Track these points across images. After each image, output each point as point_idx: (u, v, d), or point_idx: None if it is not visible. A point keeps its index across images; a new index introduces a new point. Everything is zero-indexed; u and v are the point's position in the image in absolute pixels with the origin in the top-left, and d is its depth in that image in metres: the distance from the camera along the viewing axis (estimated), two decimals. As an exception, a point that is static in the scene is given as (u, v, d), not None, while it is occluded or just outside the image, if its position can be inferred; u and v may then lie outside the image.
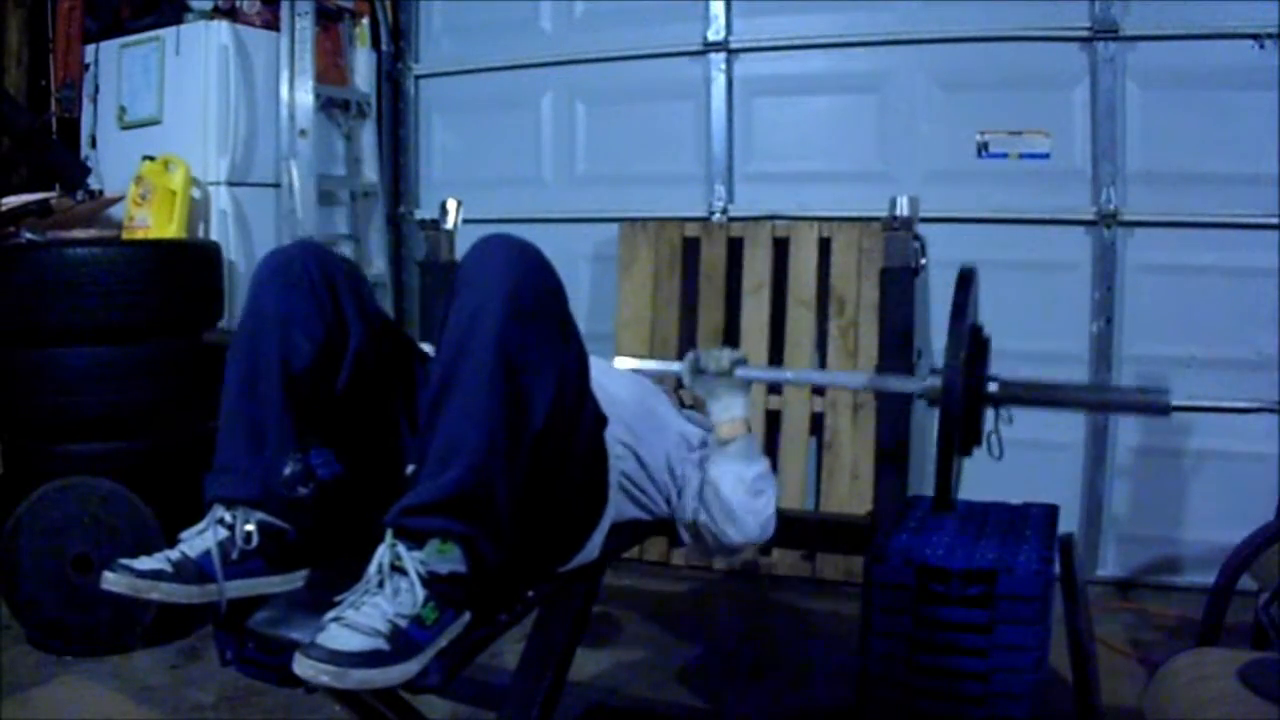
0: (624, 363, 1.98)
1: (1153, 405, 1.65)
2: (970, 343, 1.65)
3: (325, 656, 1.10)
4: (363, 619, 1.15)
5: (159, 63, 3.16)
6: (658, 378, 2.00)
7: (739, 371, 1.80)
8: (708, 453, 1.77)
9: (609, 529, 1.56)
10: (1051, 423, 2.97)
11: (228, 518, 1.35)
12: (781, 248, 3.06)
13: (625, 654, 2.50)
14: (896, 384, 1.92)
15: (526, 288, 1.29)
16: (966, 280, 1.68)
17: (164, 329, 2.68)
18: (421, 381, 1.50)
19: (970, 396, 1.63)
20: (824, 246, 3.03)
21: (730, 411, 1.79)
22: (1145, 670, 2.32)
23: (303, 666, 1.10)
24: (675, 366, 1.90)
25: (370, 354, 1.48)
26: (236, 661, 1.38)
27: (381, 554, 1.20)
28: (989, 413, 1.70)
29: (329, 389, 1.46)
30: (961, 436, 1.64)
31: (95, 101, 3.30)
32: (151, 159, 2.99)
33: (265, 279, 1.45)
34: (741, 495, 1.74)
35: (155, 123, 3.17)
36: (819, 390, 2.99)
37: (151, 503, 2.41)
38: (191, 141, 3.09)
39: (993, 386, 1.69)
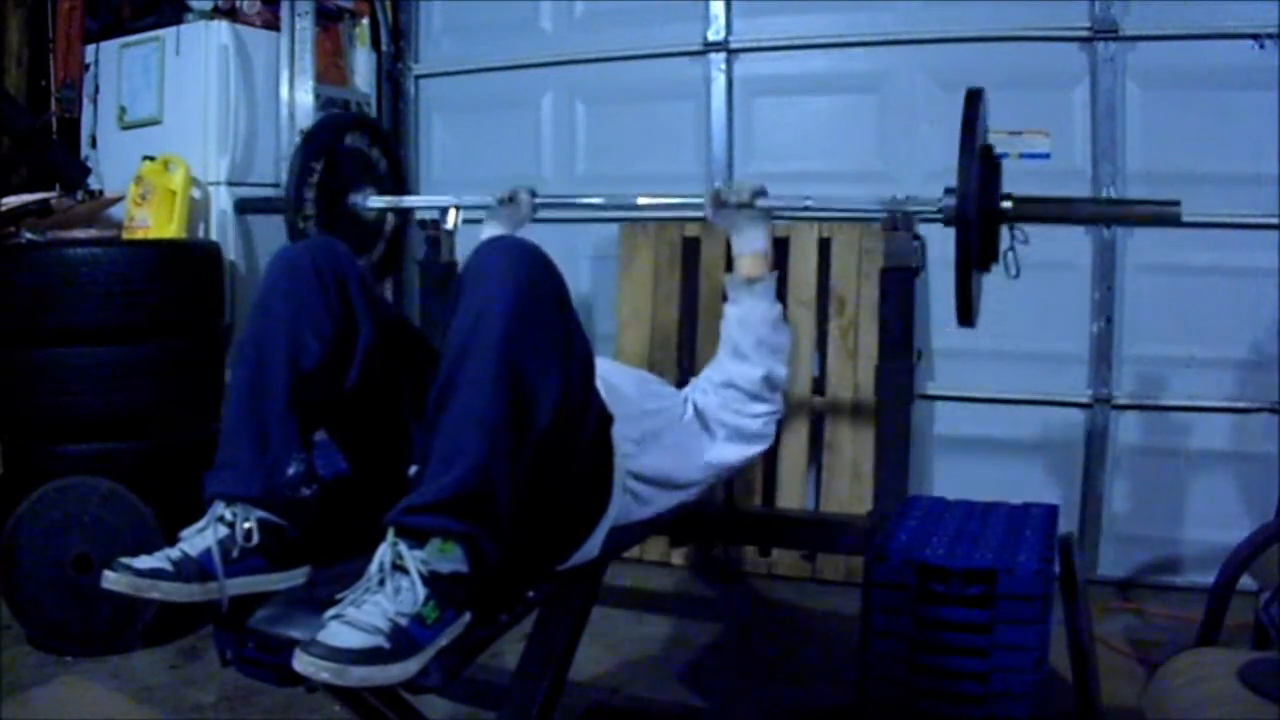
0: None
1: (1165, 215, 1.71)
2: (981, 160, 1.69)
3: (325, 654, 1.10)
4: (363, 617, 1.15)
5: (159, 63, 3.17)
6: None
7: (760, 201, 1.86)
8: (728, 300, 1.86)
9: (610, 528, 1.56)
10: (1052, 422, 2.98)
11: (228, 515, 1.35)
12: (781, 248, 3.06)
13: (625, 654, 2.50)
14: (914, 207, 1.96)
15: (530, 289, 1.29)
16: (975, 98, 1.71)
17: (164, 329, 2.69)
18: (432, 380, 1.51)
19: (985, 213, 1.67)
20: (824, 246, 3.03)
21: (754, 244, 1.87)
22: (1145, 670, 2.32)
23: (303, 663, 1.10)
24: (697, 200, 1.96)
25: (380, 352, 1.48)
26: (236, 661, 1.38)
27: (383, 552, 1.20)
28: (1004, 232, 1.77)
29: (338, 387, 1.45)
30: (979, 253, 1.70)
31: (95, 101, 3.30)
32: (151, 159, 2.99)
33: (275, 276, 1.45)
34: (770, 330, 1.83)
35: (155, 123, 3.18)
36: (819, 390, 3.00)
37: (151, 503, 2.41)
38: (191, 141, 3.09)
39: (1006, 204, 1.75)
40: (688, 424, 1.86)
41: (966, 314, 1.73)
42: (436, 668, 1.21)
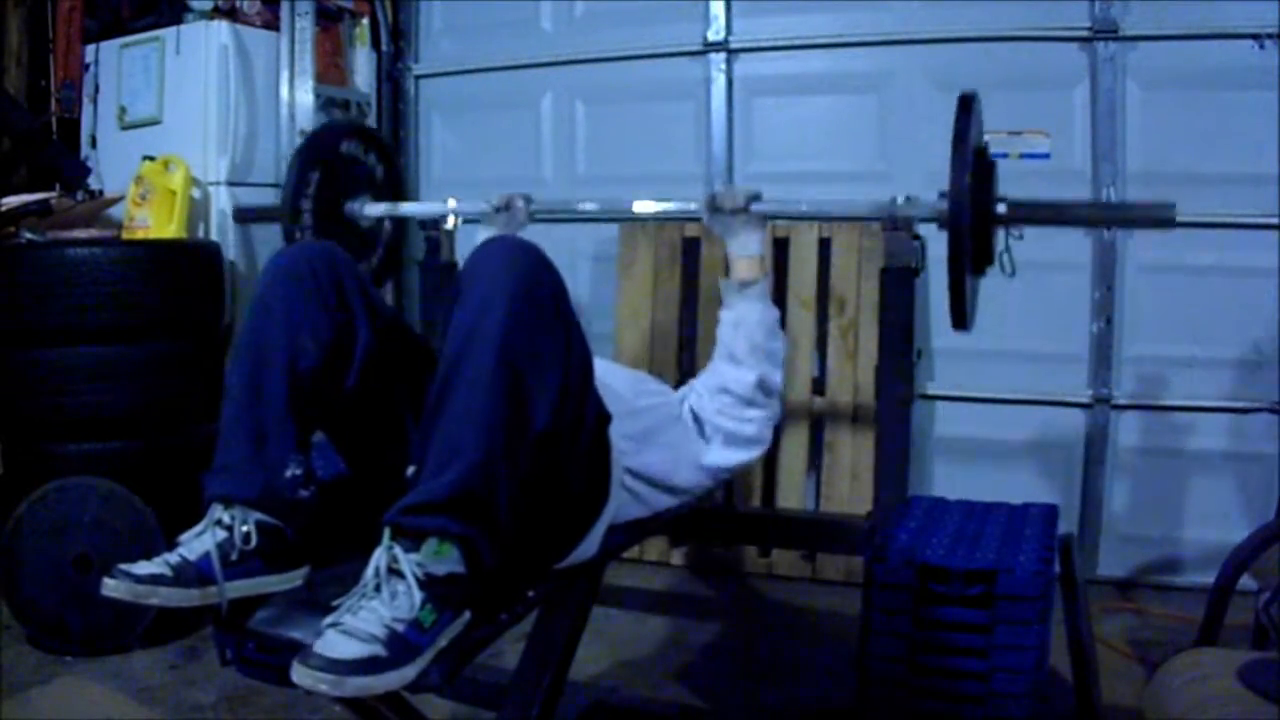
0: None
1: (1158, 217, 1.70)
2: (975, 164, 1.68)
3: (322, 665, 1.10)
4: (360, 625, 1.14)
5: (159, 63, 3.17)
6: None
7: (755, 207, 1.88)
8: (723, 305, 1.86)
9: (609, 527, 1.56)
10: (1052, 422, 2.98)
11: (226, 518, 1.34)
12: (781, 248, 3.06)
13: (625, 654, 2.50)
14: (905, 209, 1.95)
15: (528, 288, 1.29)
16: (968, 103, 1.71)
17: (164, 329, 2.69)
18: (430, 381, 1.51)
19: (979, 216, 1.66)
20: (824, 246, 3.03)
21: (748, 249, 1.88)
22: (1145, 670, 2.32)
23: (300, 675, 1.10)
24: (692, 207, 1.97)
25: (378, 354, 1.48)
26: (236, 661, 1.37)
27: (378, 557, 1.20)
28: (999, 234, 1.75)
29: (336, 389, 1.45)
30: (973, 256, 1.68)
31: (95, 101, 3.30)
32: (151, 159, 2.99)
33: (272, 278, 1.45)
34: (765, 335, 1.83)
35: (155, 123, 3.18)
36: (819, 390, 3.00)
37: (151, 503, 2.41)
38: (191, 141, 3.09)
39: (1001, 207, 1.74)
40: (683, 424, 1.86)
41: (961, 318, 1.73)
42: (436, 668, 1.21)
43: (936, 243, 2.16)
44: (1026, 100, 2.95)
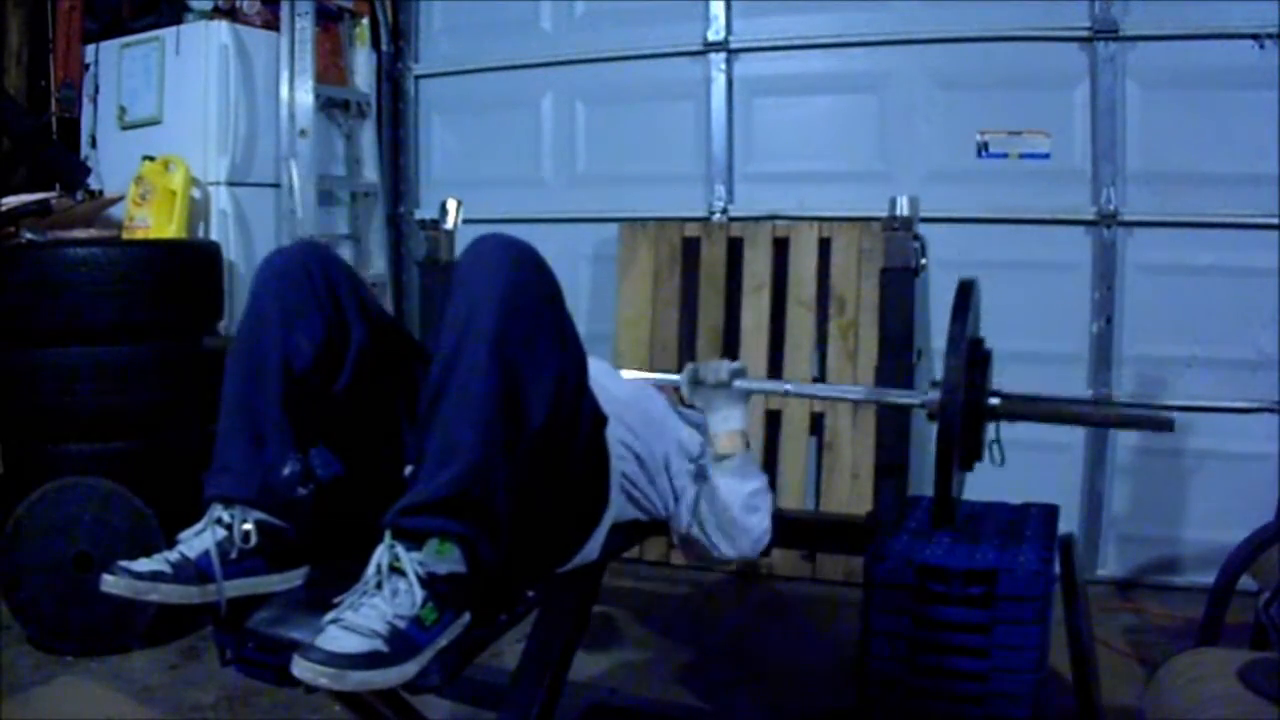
0: (624, 374, 1.98)
1: (1156, 420, 1.64)
2: (969, 358, 1.63)
3: (323, 659, 1.10)
4: (361, 620, 1.14)
5: (159, 63, 3.17)
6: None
7: (738, 383, 1.79)
8: (704, 463, 1.75)
9: (609, 529, 1.56)
10: (1051, 423, 2.98)
11: (226, 517, 1.35)
12: (781, 248, 3.06)
13: (625, 654, 2.50)
14: (896, 397, 1.91)
15: (521, 287, 1.29)
16: (966, 292, 1.66)
17: (164, 329, 2.69)
18: (423, 381, 1.51)
19: (970, 412, 1.62)
20: (824, 246, 3.03)
21: (729, 423, 1.78)
22: (1145, 670, 2.32)
23: (301, 669, 1.10)
24: (674, 378, 1.89)
25: (372, 354, 1.48)
26: (236, 661, 1.37)
27: (380, 555, 1.20)
28: (990, 425, 1.69)
29: (330, 389, 1.45)
30: (962, 453, 1.63)
31: (95, 101, 3.30)
32: (151, 159, 2.99)
33: (266, 279, 1.45)
34: (736, 512, 1.73)
35: (155, 123, 3.17)
36: (819, 390, 3.00)
37: (151, 503, 2.41)
38: (191, 141, 3.09)
39: (994, 401, 1.67)
40: (676, 452, 1.80)
41: (948, 515, 1.63)
42: (436, 668, 1.21)
43: (936, 243, 2.17)
44: (1026, 100, 2.95)
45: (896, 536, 1.95)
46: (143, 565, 1.28)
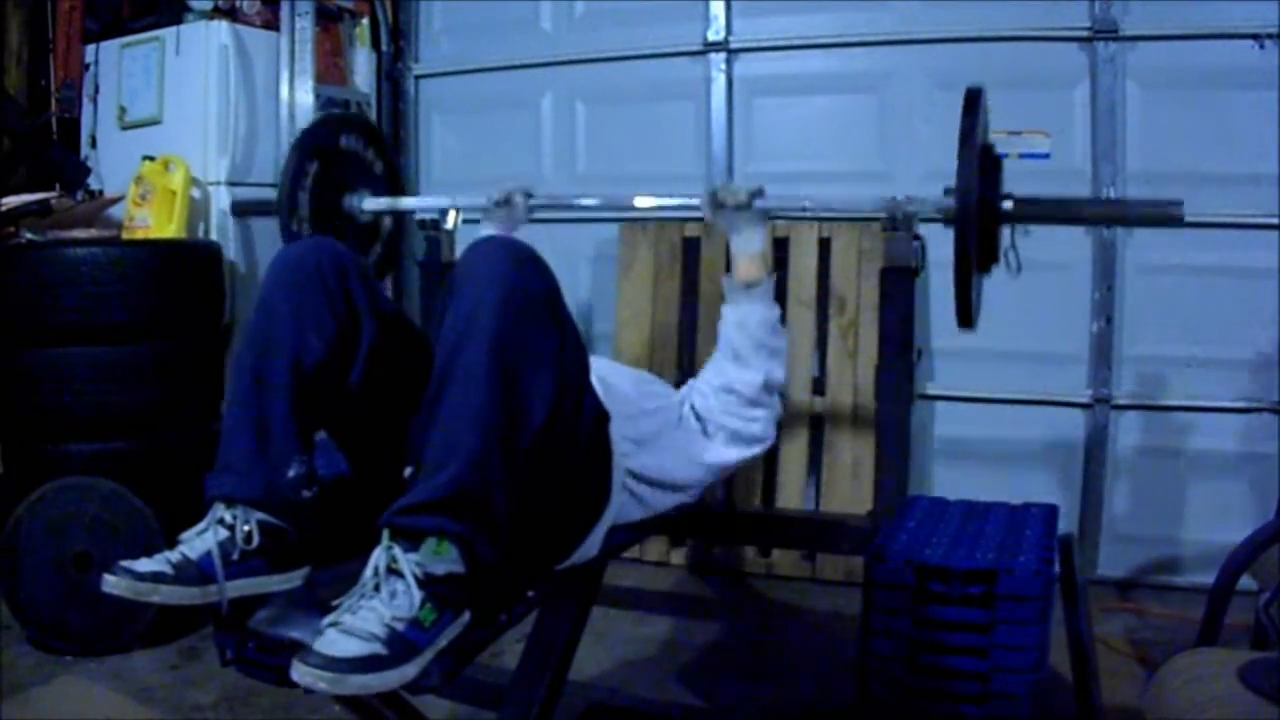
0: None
1: (1166, 215, 1.69)
2: (982, 160, 1.67)
3: (322, 663, 1.10)
4: (360, 623, 1.14)
5: (159, 63, 3.16)
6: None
7: (758, 203, 1.87)
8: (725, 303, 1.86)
9: (610, 528, 1.56)
10: (1052, 422, 2.98)
11: (228, 517, 1.35)
12: (781, 248, 3.06)
13: (625, 654, 2.50)
14: (913, 205, 1.94)
15: (521, 287, 1.29)
16: (974, 100, 1.70)
17: (164, 329, 2.69)
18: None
19: (985, 213, 1.66)
20: (824, 246, 3.03)
21: (751, 245, 1.87)
22: (1145, 670, 2.32)
23: (300, 673, 1.10)
24: (694, 202, 1.97)
25: (383, 350, 1.48)
26: (236, 661, 1.37)
27: (377, 556, 1.20)
28: (1005, 232, 1.75)
29: (341, 385, 1.45)
30: (979, 253, 1.67)
31: (95, 101, 3.30)
32: (151, 159, 2.99)
33: (276, 275, 1.45)
34: (768, 334, 1.83)
35: (155, 123, 3.17)
36: (819, 390, 3.00)
37: (151, 503, 2.41)
38: (191, 141, 3.09)
39: (1007, 204, 1.73)
40: (686, 425, 1.86)
41: (967, 316, 1.72)
42: (436, 668, 1.21)
43: (936, 243, 2.17)
44: (1026, 100, 2.95)
45: (896, 536, 1.95)
46: (144, 565, 1.28)
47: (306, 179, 2.29)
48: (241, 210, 3.11)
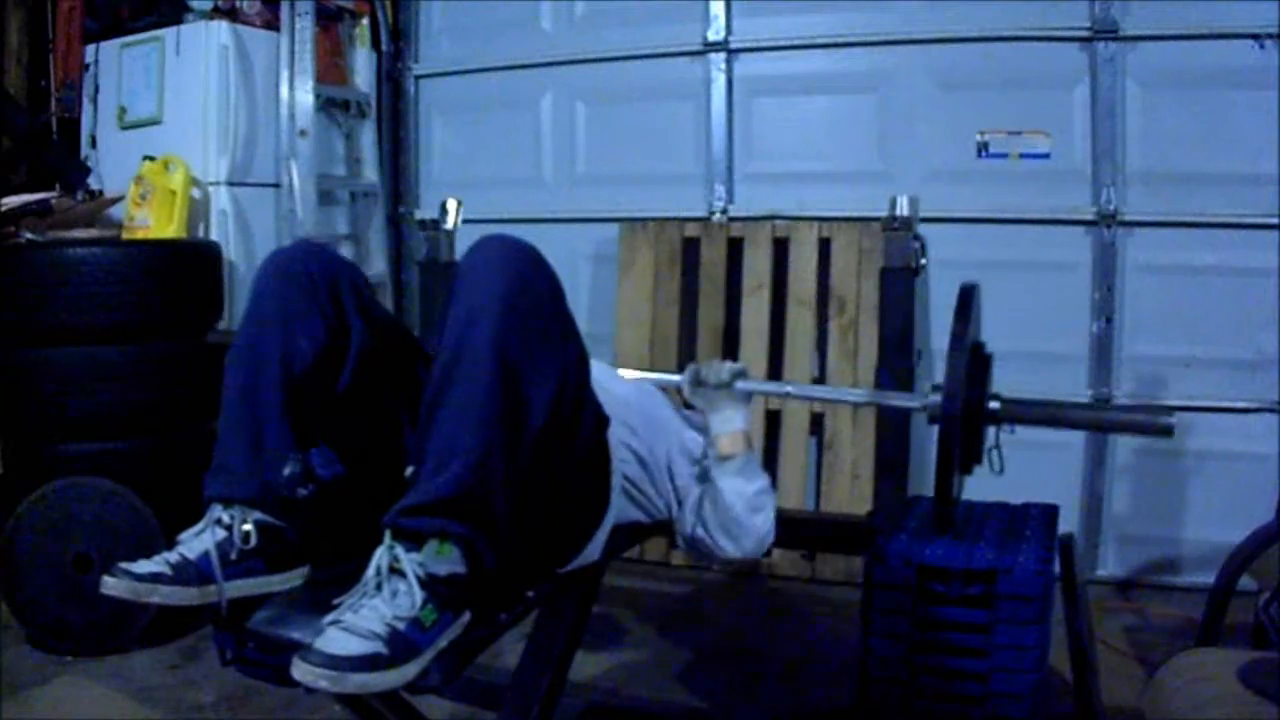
0: (626, 374, 1.97)
1: (1155, 426, 1.63)
2: (970, 362, 1.62)
3: (323, 661, 1.10)
4: (361, 622, 1.14)
5: (159, 63, 3.16)
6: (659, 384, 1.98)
7: (739, 384, 1.77)
8: (707, 465, 1.74)
9: (610, 530, 1.56)
10: (1051, 423, 2.98)
11: (225, 518, 1.35)
12: (781, 248, 3.06)
13: (625, 654, 2.50)
14: (898, 400, 1.91)
15: (523, 287, 1.28)
16: (967, 297, 1.65)
17: (164, 329, 2.69)
18: (425, 381, 1.50)
19: (970, 416, 1.61)
20: (824, 246, 3.03)
21: (731, 424, 1.76)
22: (1145, 670, 2.32)
23: (300, 671, 1.10)
24: (675, 378, 1.88)
25: (372, 354, 1.48)
26: (236, 661, 1.37)
27: (379, 556, 1.20)
28: (990, 429, 1.68)
29: (330, 389, 1.45)
30: (961, 456, 1.62)
31: (95, 101, 3.30)
32: (151, 159, 2.98)
33: (266, 279, 1.45)
34: (740, 512, 1.72)
35: (155, 123, 3.17)
36: (819, 390, 3.00)
37: (151, 503, 2.41)
38: (191, 141, 3.09)
39: (994, 405, 1.66)
40: (679, 452, 1.80)
41: (946, 520, 1.64)
42: (436, 668, 1.21)
43: (936, 243, 2.17)
44: (1026, 100, 2.95)
45: (896, 537, 1.95)
46: (143, 566, 1.28)
47: None
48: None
